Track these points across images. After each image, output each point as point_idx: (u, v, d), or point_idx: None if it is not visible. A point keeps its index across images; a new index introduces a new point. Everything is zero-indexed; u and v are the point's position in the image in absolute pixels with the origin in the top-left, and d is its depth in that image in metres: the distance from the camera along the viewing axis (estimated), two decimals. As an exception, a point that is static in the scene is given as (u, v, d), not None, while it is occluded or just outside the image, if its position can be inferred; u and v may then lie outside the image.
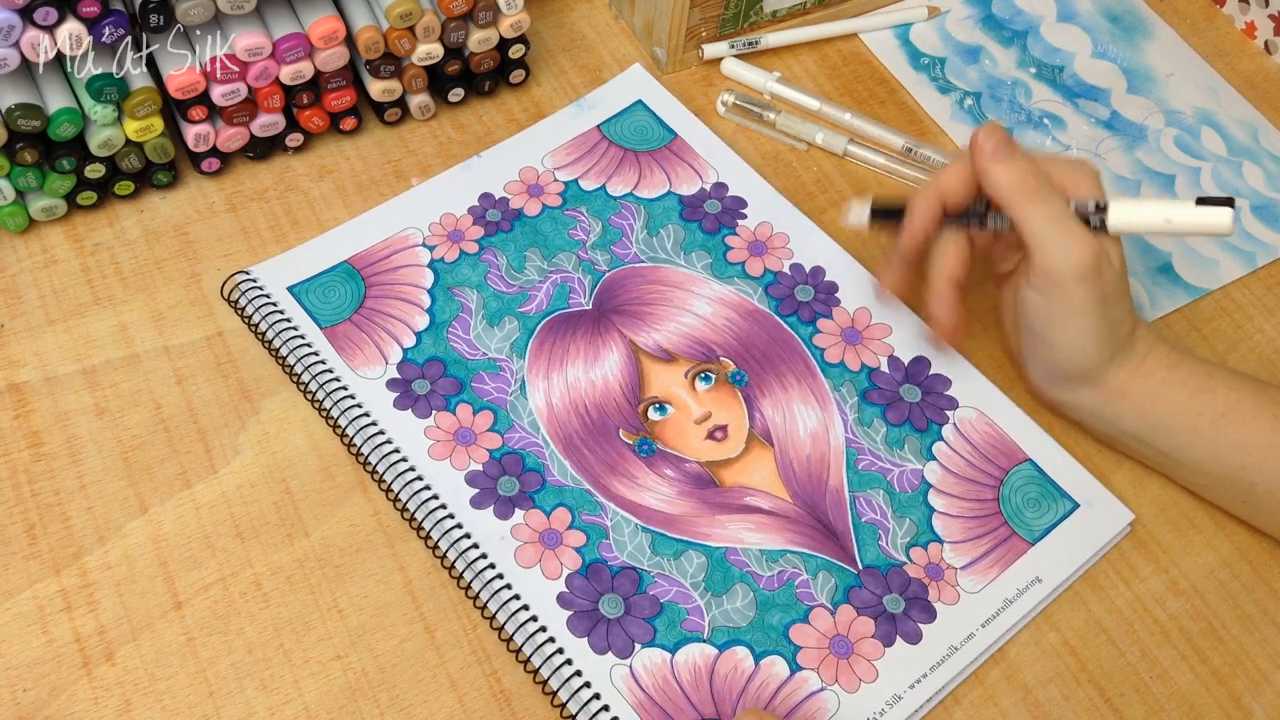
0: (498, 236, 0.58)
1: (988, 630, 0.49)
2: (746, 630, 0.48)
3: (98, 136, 0.54)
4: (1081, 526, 0.52)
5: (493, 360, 0.54)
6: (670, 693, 0.47)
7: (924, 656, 0.48)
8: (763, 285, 0.58)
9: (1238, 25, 0.72)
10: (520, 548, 0.49)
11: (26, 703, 0.45)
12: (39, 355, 0.53)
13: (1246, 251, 0.63)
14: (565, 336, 0.55)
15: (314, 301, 0.55)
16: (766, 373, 0.55)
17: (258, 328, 0.54)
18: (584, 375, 0.54)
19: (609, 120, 0.63)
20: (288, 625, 0.48)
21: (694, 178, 0.61)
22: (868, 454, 0.53)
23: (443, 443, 0.52)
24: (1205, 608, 0.51)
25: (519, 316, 0.56)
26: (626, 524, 0.50)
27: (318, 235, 0.58)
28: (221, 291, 0.55)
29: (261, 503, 0.51)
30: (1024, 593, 0.50)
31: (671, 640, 0.48)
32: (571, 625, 0.48)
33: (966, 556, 0.51)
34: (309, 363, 0.53)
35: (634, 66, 0.65)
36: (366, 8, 0.58)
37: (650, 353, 0.55)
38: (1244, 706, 0.49)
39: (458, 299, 0.56)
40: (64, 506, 0.50)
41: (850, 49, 0.69)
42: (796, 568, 0.50)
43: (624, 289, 0.57)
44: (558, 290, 0.57)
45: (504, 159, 0.61)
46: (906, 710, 0.47)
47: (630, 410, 0.53)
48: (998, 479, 0.53)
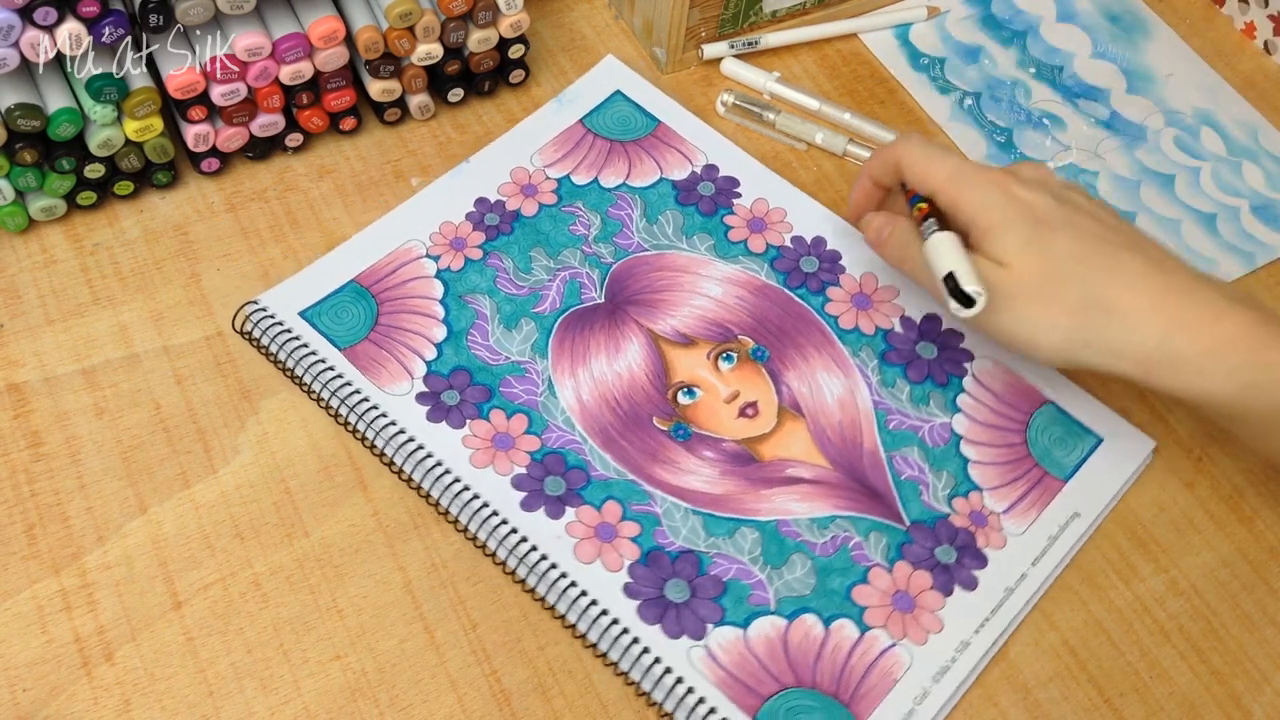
0: (500, 240, 0.58)
1: (1038, 568, 0.51)
2: (811, 597, 0.49)
3: (97, 136, 0.54)
4: (1108, 459, 0.54)
5: (517, 363, 0.54)
6: (749, 667, 0.48)
7: (983, 601, 0.50)
8: (768, 261, 0.59)
9: (1237, 25, 0.72)
10: (578, 544, 0.50)
11: (26, 703, 0.45)
12: (38, 355, 0.53)
13: (1246, 251, 0.63)
14: (584, 332, 0.55)
15: (328, 324, 0.54)
16: (786, 346, 0.56)
17: (276, 357, 0.53)
18: (609, 368, 0.54)
19: (591, 113, 0.63)
20: (287, 625, 0.48)
21: (684, 162, 0.62)
22: (896, 413, 0.54)
23: (482, 450, 0.51)
24: (1205, 608, 0.52)
25: (534, 317, 0.56)
26: (676, 509, 0.51)
27: (317, 235, 0.58)
28: (233, 324, 0.54)
29: (261, 503, 0.51)
30: (1065, 528, 0.52)
31: (741, 616, 0.49)
32: (642, 614, 0.48)
33: (1006, 501, 0.53)
34: (335, 386, 0.52)
35: (607, 58, 0.65)
36: (366, 8, 0.58)
37: (669, 339, 0.55)
38: (1244, 706, 0.49)
39: (471, 306, 0.56)
40: (63, 506, 0.50)
41: (850, 49, 0.69)
42: (848, 531, 0.51)
43: (633, 279, 0.57)
44: (568, 287, 0.57)
45: (493, 162, 0.61)
46: (975, 655, 0.49)
47: (660, 397, 0.54)
48: (1023, 423, 0.55)
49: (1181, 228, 0.63)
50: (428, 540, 0.50)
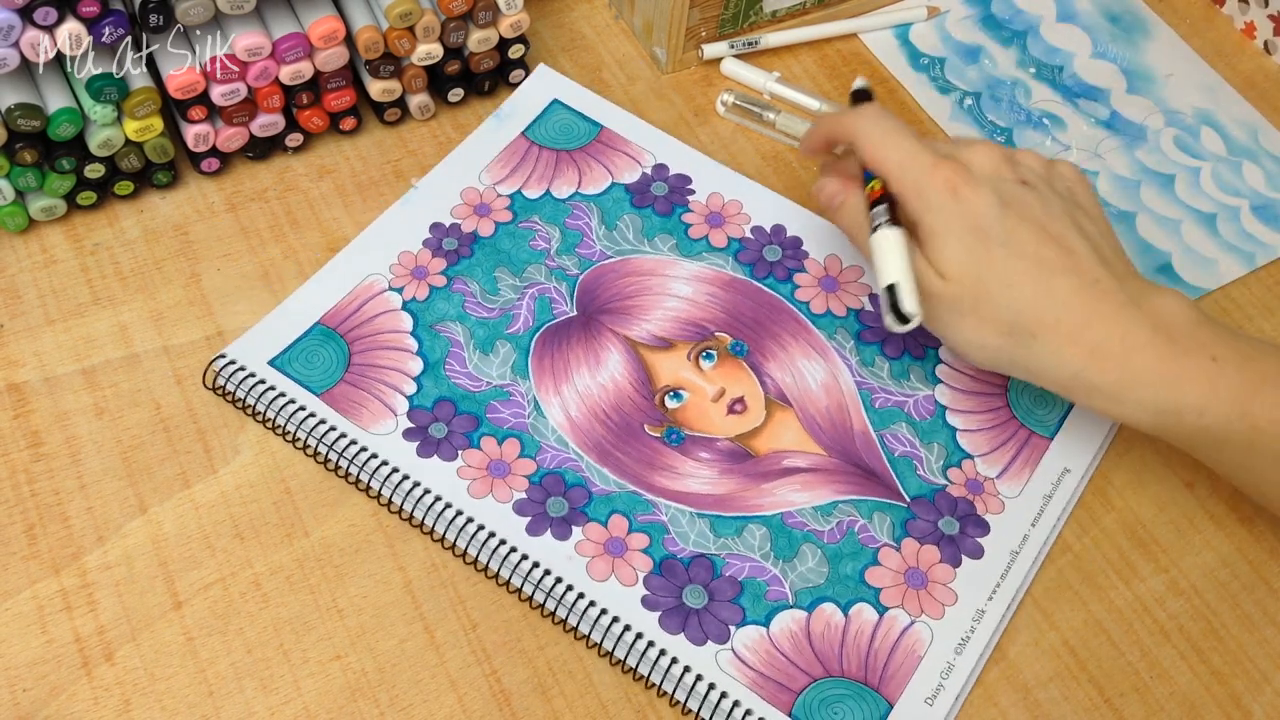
0: (461, 264, 0.57)
1: (1038, 528, 0.52)
2: (826, 586, 0.50)
3: (97, 136, 0.54)
4: (1088, 411, 0.54)
5: (499, 387, 0.54)
6: (777, 663, 0.48)
7: (991, 567, 0.51)
8: (731, 254, 0.59)
9: (1237, 25, 0.72)
10: (590, 562, 0.49)
11: (26, 703, 0.45)
12: (38, 355, 0.53)
13: (1246, 251, 0.63)
14: (561, 348, 0.55)
15: (300, 370, 0.53)
16: (763, 337, 0.56)
17: (254, 409, 0.52)
18: (592, 381, 0.54)
19: (532, 125, 0.62)
20: (287, 625, 0.48)
21: (632, 165, 0.61)
22: (880, 392, 0.55)
23: (479, 480, 0.51)
24: (1205, 608, 0.52)
25: (509, 338, 0.55)
26: (682, 514, 0.51)
27: (317, 235, 0.58)
28: (204, 381, 0.53)
29: (261, 503, 0.50)
30: (1059, 484, 0.53)
31: (762, 614, 0.49)
32: (664, 624, 0.48)
33: (998, 465, 0.53)
34: (320, 432, 0.51)
35: (539, 67, 0.64)
36: (366, 8, 0.58)
37: (647, 344, 0.55)
38: (1244, 706, 0.49)
39: (444, 335, 0.55)
40: (63, 506, 0.50)
41: (850, 49, 0.69)
42: (852, 515, 0.52)
43: (602, 287, 0.57)
44: (538, 303, 0.56)
45: (441, 185, 0.60)
46: (992, 622, 0.49)
47: (647, 404, 0.54)
48: (1002, 386, 0.56)
49: (1181, 228, 0.63)
50: (428, 540, 0.50)
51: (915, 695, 0.47)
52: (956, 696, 0.48)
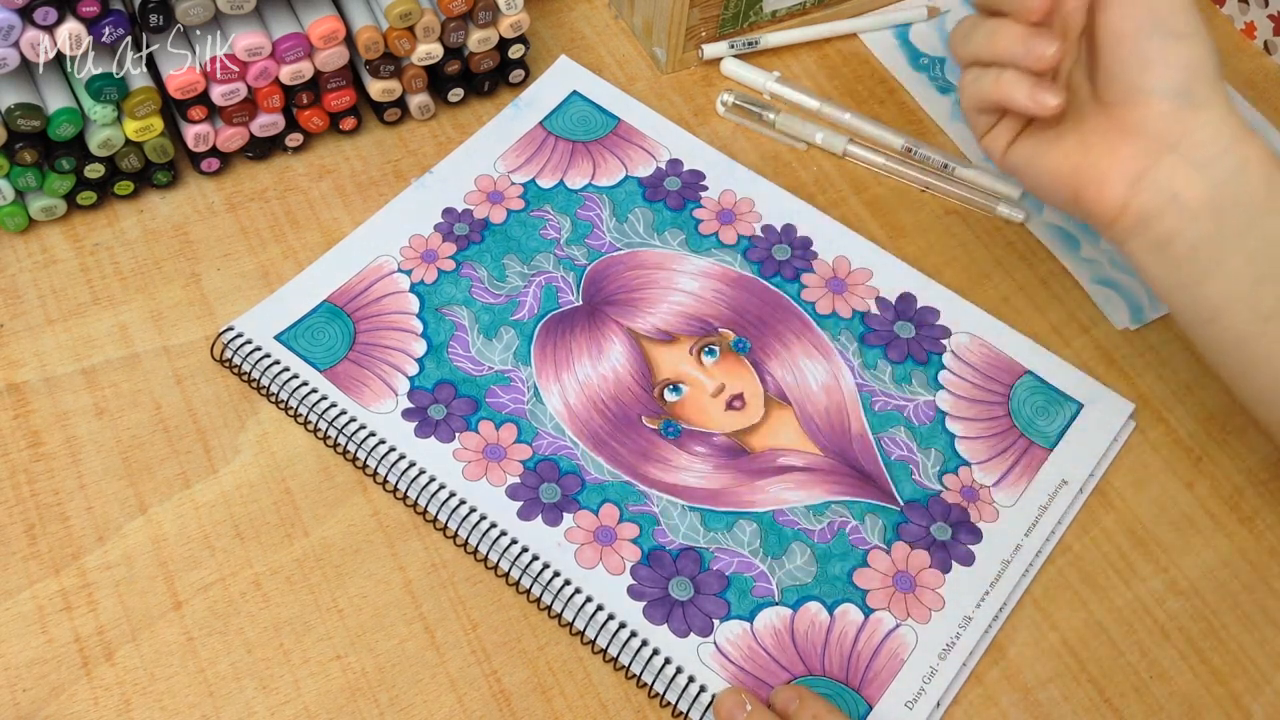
0: (471, 250, 0.58)
1: (1031, 538, 0.52)
2: (813, 585, 0.50)
3: (97, 136, 0.54)
4: (1090, 424, 0.55)
5: (500, 373, 0.54)
6: (759, 659, 0.48)
7: (981, 575, 0.51)
8: (740, 252, 0.59)
9: (1237, 25, 0.72)
10: (579, 550, 0.50)
11: (26, 703, 0.45)
12: (38, 355, 0.53)
13: (1246, 251, 0.62)
14: (565, 336, 0.55)
15: (305, 346, 0.54)
16: (766, 335, 0.56)
17: (258, 382, 0.53)
18: (593, 371, 0.54)
19: (550, 115, 0.63)
20: (287, 625, 0.48)
21: (647, 159, 0.62)
22: (880, 395, 0.55)
23: (474, 463, 0.51)
24: (1205, 608, 0.52)
25: (514, 325, 0.55)
26: (673, 507, 0.51)
27: (317, 235, 0.58)
28: (211, 353, 0.54)
29: (261, 503, 0.51)
30: (1055, 496, 0.53)
31: (746, 609, 0.49)
32: (648, 615, 0.48)
33: (995, 474, 0.53)
34: (321, 408, 0.52)
35: (560, 59, 0.65)
36: (366, 8, 0.58)
37: (650, 337, 0.55)
38: (1244, 706, 0.49)
39: (449, 319, 0.55)
40: (63, 506, 0.50)
41: (850, 49, 0.69)
42: (843, 516, 0.51)
43: (609, 279, 0.57)
44: (545, 292, 0.56)
45: (456, 171, 0.60)
46: (979, 629, 0.49)
47: (646, 396, 0.54)
48: (1004, 395, 0.55)
49: (1181, 228, 0.63)
50: (428, 540, 0.50)
51: (896, 698, 0.47)
52: (938, 702, 0.48)
